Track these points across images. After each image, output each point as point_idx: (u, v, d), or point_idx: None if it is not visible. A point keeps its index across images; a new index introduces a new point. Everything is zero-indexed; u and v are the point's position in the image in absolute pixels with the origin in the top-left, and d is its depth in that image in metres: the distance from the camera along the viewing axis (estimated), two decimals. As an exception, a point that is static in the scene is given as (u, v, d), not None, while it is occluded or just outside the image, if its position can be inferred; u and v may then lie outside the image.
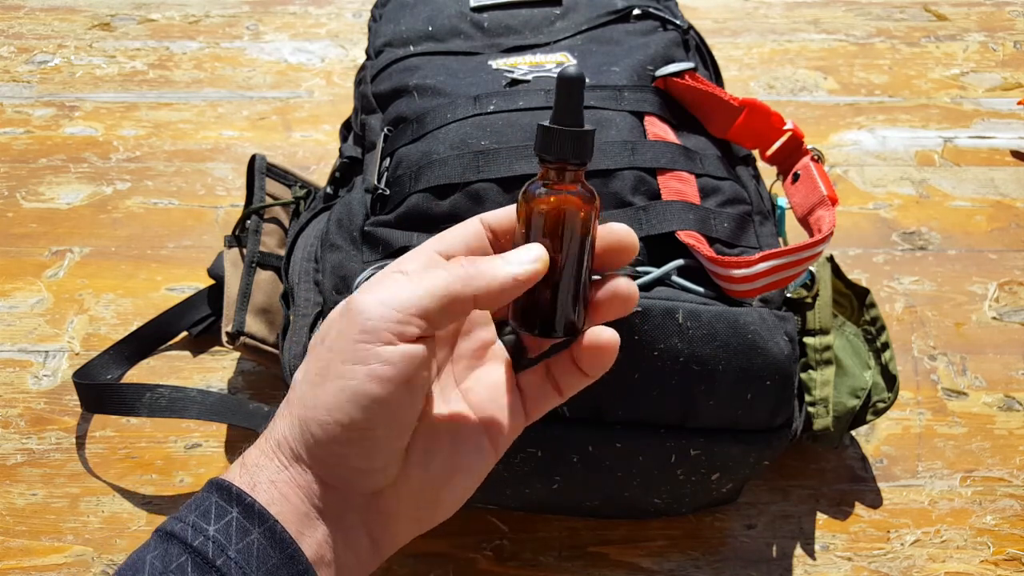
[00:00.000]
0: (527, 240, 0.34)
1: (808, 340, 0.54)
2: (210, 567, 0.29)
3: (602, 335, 0.35)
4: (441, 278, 0.32)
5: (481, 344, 0.38)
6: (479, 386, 0.37)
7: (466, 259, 0.33)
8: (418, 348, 0.31)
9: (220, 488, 0.32)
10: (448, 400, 0.36)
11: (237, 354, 0.65)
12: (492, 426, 0.36)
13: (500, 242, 0.36)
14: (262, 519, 0.31)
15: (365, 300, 0.31)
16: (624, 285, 0.35)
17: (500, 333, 0.39)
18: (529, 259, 0.33)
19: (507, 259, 0.33)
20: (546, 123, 0.32)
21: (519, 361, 0.38)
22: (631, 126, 0.51)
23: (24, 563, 0.54)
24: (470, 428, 0.36)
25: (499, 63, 0.56)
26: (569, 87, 0.31)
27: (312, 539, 0.31)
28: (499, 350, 0.38)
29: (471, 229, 0.36)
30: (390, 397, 0.31)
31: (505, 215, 0.36)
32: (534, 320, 0.35)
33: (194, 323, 0.66)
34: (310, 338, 0.48)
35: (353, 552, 0.33)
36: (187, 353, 0.66)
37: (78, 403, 0.60)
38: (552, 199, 0.33)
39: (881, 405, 0.54)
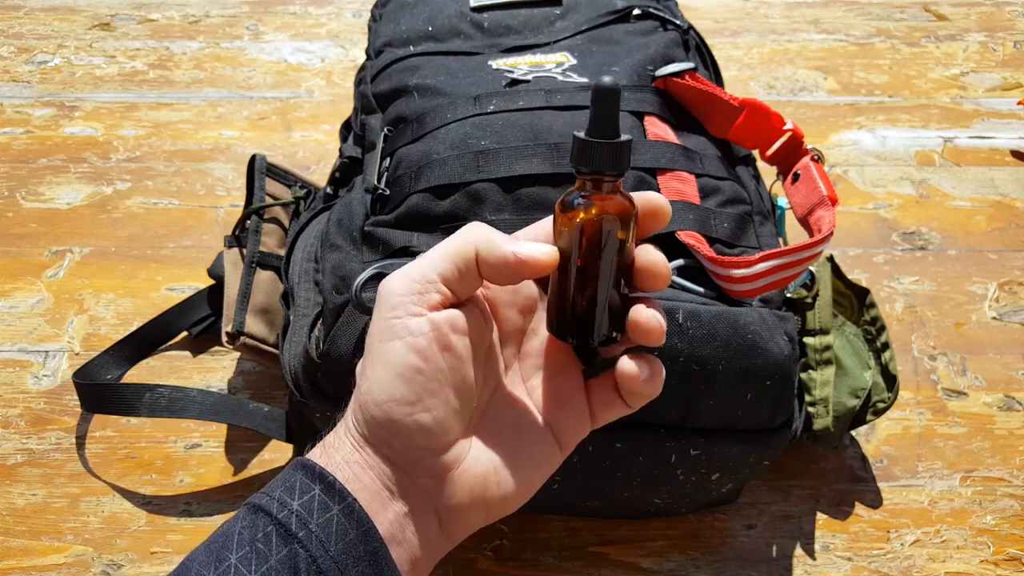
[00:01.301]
0: (562, 256, 0.34)
1: (808, 340, 0.54)
2: (293, 538, 0.31)
3: (628, 367, 0.35)
4: (452, 242, 0.33)
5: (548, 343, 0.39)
6: (546, 384, 0.37)
7: (482, 230, 0.34)
8: (446, 314, 0.33)
9: (304, 467, 0.34)
10: (514, 393, 0.37)
11: (237, 354, 0.65)
12: (556, 423, 0.37)
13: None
14: (341, 497, 0.32)
15: (391, 278, 0.33)
16: (648, 317, 0.34)
17: None
18: (539, 248, 0.34)
19: (517, 239, 0.34)
20: (581, 134, 0.32)
21: (589, 365, 0.38)
22: (631, 126, 0.51)
23: (24, 563, 0.54)
24: (534, 421, 0.37)
25: (499, 63, 0.56)
26: (605, 98, 0.31)
27: (385, 518, 0.33)
28: (570, 357, 0.38)
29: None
30: (429, 365, 0.32)
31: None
32: (564, 328, 0.35)
33: (194, 323, 0.66)
34: (310, 338, 0.48)
35: (423, 533, 0.34)
36: (187, 353, 0.66)
37: (78, 403, 0.60)
38: (592, 211, 0.33)
39: (881, 405, 0.54)
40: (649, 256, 0.35)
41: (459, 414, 0.34)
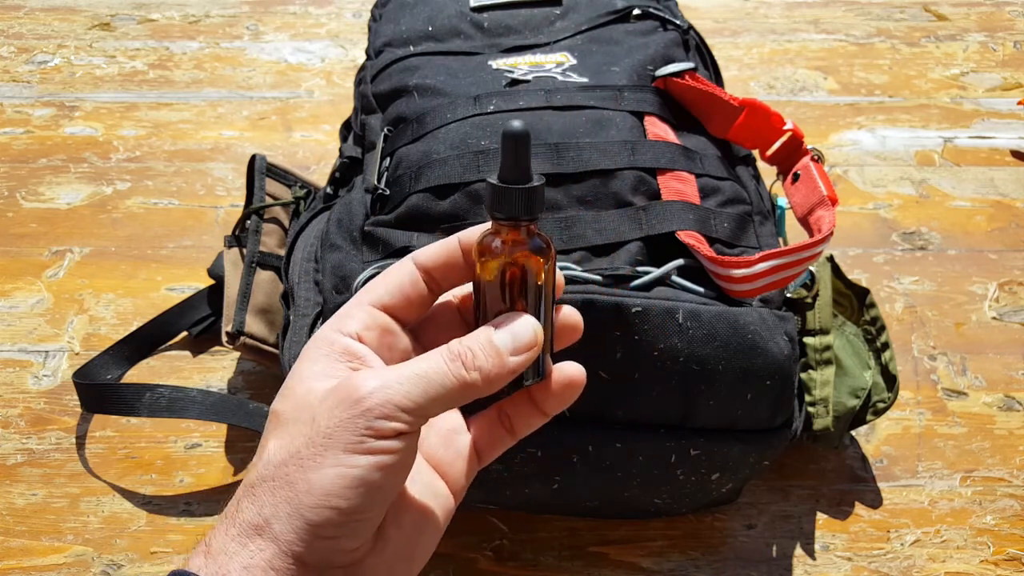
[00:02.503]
0: (484, 297, 0.34)
1: (808, 340, 0.54)
2: None
3: (569, 370, 0.35)
4: (444, 379, 0.31)
5: None
6: (431, 434, 0.36)
7: (459, 350, 0.32)
8: (415, 437, 0.31)
9: None
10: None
11: (237, 354, 0.65)
12: (447, 473, 0.36)
13: (436, 281, 0.35)
14: None
15: (372, 394, 0.30)
16: (571, 314, 0.35)
17: None
18: (525, 342, 0.32)
19: (499, 349, 0.32)
20: (494, 179, 0.32)
21: (471, 405, 0.37)
22: (631, 126, 0.51)
23: (24, 563, 0.54)
24: (429, 479, 0.35)
25: (499, 63, 0.56)
26: (515, 143, 0.31)
27: None
28: None
29: (405, 275, 0.35)
30: (388, 483, 0.31)
31: (438, 253, 0.35)
32: None
33: (194, 323, 0.66)
34: (310, 338, 0.48)
35: None
36: (187, 353, 0.66)
37: (78, 403, 0.60)
38: (514, 256, 0.33)
39: (881, 405, 0.54)
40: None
41: (384, 513, 0.32)
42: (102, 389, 0.59)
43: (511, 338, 0.32)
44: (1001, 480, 0.58)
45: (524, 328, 0.33)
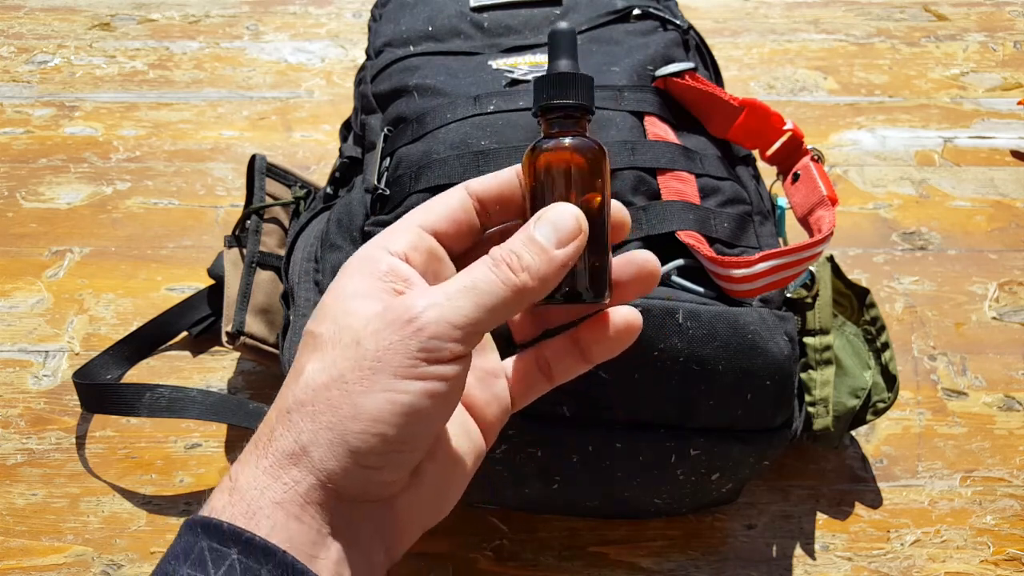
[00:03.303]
0: (540, 200, 0.32)
1: (808, 340, 0.54)
2: None
3: (626, 312, 0.33)
4: (494, 288, 0.29)
5: None
6: (469, 375, 0.33)
7: (502, 254, 0.30)
8: (467, 361, 0.30)
9: (208, 528, 0.28)
10: None
11: (237, 354, 0.65)
12: (482, 415, 0.34)
13: (487, 212, 0.33)
14: (267, 554, 0.27)
15: (423, 313, 0.29)
16: (645, 257, 0.33)
17: None
18: (569, 230, 0.30)
19: (542, 243, 0.30)
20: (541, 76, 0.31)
21: (508, 344, 0.36)
22: (631, 126, 0.51)
23: (24, 563, 0.54)
24: (463, 419, 0.34)
25: (499, 63, 0.56)
26: (561, 39, 0.31)
27: (327, 559, 0.29)
28: (487, 338, 0.36)
29: (456, 201, 0.33)
30: (438, 412, 0.29)
31: (493, 183, 0.33)
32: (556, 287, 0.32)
33: (194, 323, 0.66)
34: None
35: (369, 565, 0.30)
36: (187, 353, 0.66)
37: (78, 403, 0.60)
38: (565, 148, 0.31)
39: (881, 405, 0.54)
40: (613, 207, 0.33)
41: (429, 446, 0.31)
42: (102, 389, 0.59)
43: (552, 229, 0.30)
44: (1001, 480, 0.58)
45: (563, 215, 0.30)
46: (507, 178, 0.33)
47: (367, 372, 0.28)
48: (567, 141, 0.32)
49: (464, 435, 0.33)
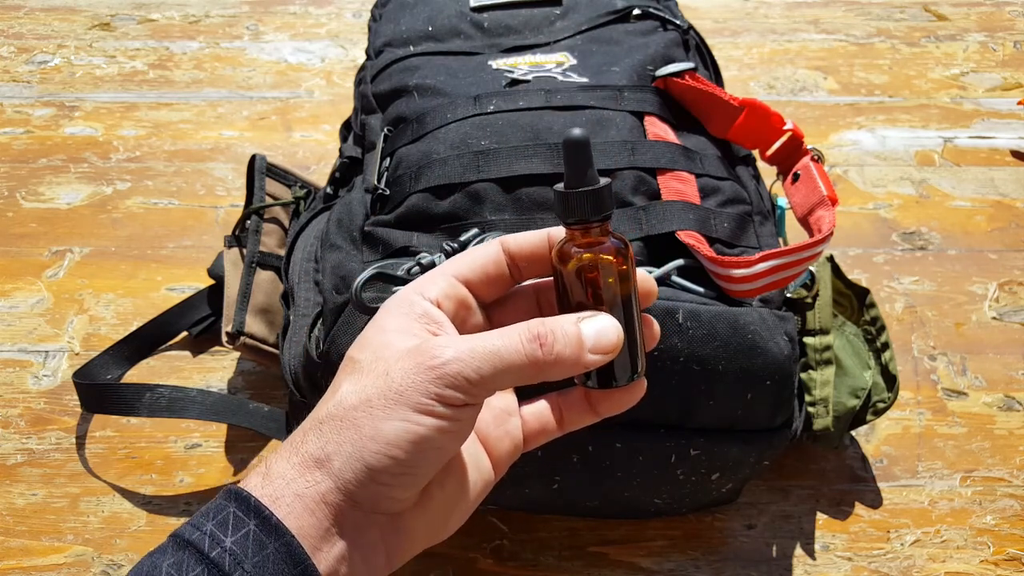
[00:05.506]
0: (569, 300, 0.34)
1: (808, 340, 0.54)
2: None
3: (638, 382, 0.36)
4: (517, 359, 0.32)
5: None
6: (486, 411, 0.37)
7: (540, 332, 0.33)
8: (479, 407, 0.33)
9: (239, 498, 0.32)
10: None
11: (237, 354, 0.65)
12: (493, 450, 0.37)
13: (519, 269, 0.36)
14: (279, 533, 0.31)
15: (447, 364, 0.32)
16: (656, 326, 0.36)
17: None
18: (608, 344, 0.33)
19: (582, 342, 0.33)
20: (561, 187, 0.33)
21: (527, 388, 0.38)
22: (631, 126, 0.51)
23: (24, 563, 0.54)
24: (476, 452, 0.37)
25: (499, 63, 0.56)
26: (575, 149, 0.32)
27: (329, 555, 0.32)
28: None
29: (491, 255, 0.36)
30: (446, 445, 0.32)
31: (527, 241, 0.36)
32: (590, 374, 0.35)
33: (194, 323, 0.66)
34: (310, 338, 0.48)
35: (368, 567, 0.33)
36: (187, 353, 0.66)
37: (78, 403, 0.60)
38: (592, 256, 0.34)
39: (881, 405, 0.54)
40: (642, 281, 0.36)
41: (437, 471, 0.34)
42: (102, 389, 0.59)
43: (595, 334, 0.33)
44: (1001, 480, 0.58)
45: (610, 331, 0.33)
46: (540, 240, 0.36)
47: (390, 401, 0.32)
48: (597, 249, 0.34)
49: (475, 466, 0.36)
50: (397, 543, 0.34)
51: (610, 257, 0.34)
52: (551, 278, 0.36)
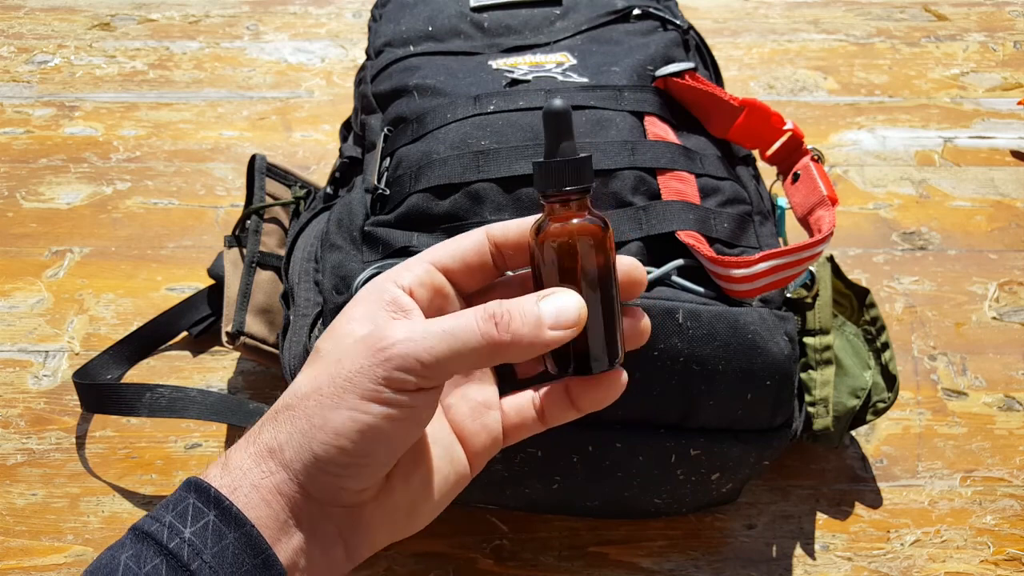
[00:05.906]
0: (549, 277, 0.33)
1: (808, 340, 0.54)
2: (184, 570, 0.30)
3: (617, 374, 0.35)
4: (471, 338, 0.31)
5: None
6: (462, 403, 0.36)
7: (495, 311, 0.31)
8: (434, 393, 0.32)
9: (198, 489, 0.31)
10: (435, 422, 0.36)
11: (237, 354, 0.65)
12: (470, 444, 0.36)
13: (504, 256, 0.35)
14: (238, 523, 0.31)
15: (395, 345, 0.30)
16: (646, 319, 0.35)
17: None
18: (568, 320, 0.32)
19: (540, 319, 0.31)
20: (540, 159, 0.32)
21: (507, 382, 0.37)
22: (631, 126, 0.51)
23: (24, 563, 0.54)
24: (450, 444, 0.36)
25: (499, 63, 0.56)
26: (556, 119, 0.31)
27: (288, 546, 0.32)
28: (486, 370, 0.37)
29: (473, 243, 0.35)
30: (398, 434, 0.31)
31: (512, 230, 0.35)
32: (566, 360, 0.34)
33: (194, 323, 0.66)
34: (310, 338, 0.48)
35: (327, 560, 0.33)
36: (187, 353, 0.66)
37: (78, 403, 0.60)
38: (568, 229, 0.32)
39: (881, 405, 0.54)
40: (623, 265, 0.34)
41: (393, 464, 0.33)
42: (102, 389, 0.59)
43: (554, 311, 0.32)
44: (1001, 480, 0.58)
45: (570, 304, 0.32)
46: (525, 228, 0.34)
47: (339, 389, 0.31)
48: (574, 223, 0.33)
49: (447, 460, 0.35)
50: (357, 536, 0.33)
51: (586, 234, 0.32)
52: None
